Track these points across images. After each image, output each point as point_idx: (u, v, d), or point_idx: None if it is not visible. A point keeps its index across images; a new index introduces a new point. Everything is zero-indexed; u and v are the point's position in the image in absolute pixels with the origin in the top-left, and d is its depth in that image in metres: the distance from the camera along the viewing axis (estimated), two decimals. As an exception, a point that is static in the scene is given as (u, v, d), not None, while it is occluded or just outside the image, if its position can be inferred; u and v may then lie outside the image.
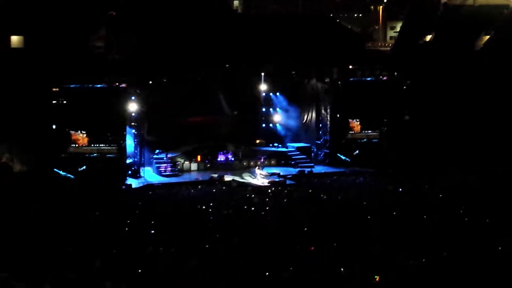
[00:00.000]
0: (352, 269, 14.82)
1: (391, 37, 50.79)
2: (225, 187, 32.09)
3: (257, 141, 40.10)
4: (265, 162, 37.89)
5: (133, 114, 35.21)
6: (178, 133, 38.07)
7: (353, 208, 23.74)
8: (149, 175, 35.81)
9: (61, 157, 33.49)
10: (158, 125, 36.91)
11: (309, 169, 37.17)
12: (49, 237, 18.72)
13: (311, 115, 40.94)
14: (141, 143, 35.64)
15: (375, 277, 14.26)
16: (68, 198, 27.46)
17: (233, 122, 39.54)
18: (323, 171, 37.06)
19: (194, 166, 37.66)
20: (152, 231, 20.21)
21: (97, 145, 33.95)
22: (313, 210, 23.71)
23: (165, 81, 37.19)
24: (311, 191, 29.13)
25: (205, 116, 38.90)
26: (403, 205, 23.92)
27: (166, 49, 36.39)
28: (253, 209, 24.56)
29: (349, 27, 48.68)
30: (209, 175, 35.15)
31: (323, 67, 38.99)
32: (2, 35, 35.21)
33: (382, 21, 52.18)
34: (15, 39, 35.68)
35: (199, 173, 37.00)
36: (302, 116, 41.38)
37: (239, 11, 48.68)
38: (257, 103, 40.84)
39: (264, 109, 41.22)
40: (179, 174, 36.36)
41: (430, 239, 17.64)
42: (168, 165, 36.61)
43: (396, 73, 39.42)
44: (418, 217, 21.13)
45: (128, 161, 35.06)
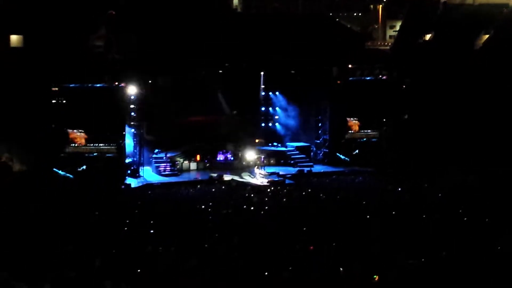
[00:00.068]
0: (351, 269, 14.80)
1: (391, 36, 50.65)
2: (224, 187, 32.12)
3: (257, 141, 40.15)
4: (265, 161, 37.95)
5: (132, 113, 35.25)
6: (177, 132, 38.07)
7: (353, 207, 23.72)
8: (148, 174, 35.84)
9: (61, 156, 33.54)
10: (157, 124, 36.93)
11: (309, 169, 37.21)
12: (49, 237, 18.69)
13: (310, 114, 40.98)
14: (140, 143, 35.67)
15: (374, 277, 14.24)
16: (67, 197, 27.46)
17: (233, 121, 39.57)
18: (322, 171, 37.14)
19: (193, 165, 37.74)
20: (151, 231, 20.19)
21: (97, 145, 34.01)
22: (313, 209, 23.68)
23: (164, 80, 37.18)
24: (310, 190, 29.13)
25: (205, 115, 38.89)
26: (402, 204, 23.90)
27: (165, 49, 36.34)
28: (252, 208, 24.54)
29: (348, 26, 48.58)
30: (209, 174, 35.22)
31: (323, 66, 39.01)
32: (1, 34, 35.12)
33: (381, 20, 52.08)
34: (14, 38, 35.59)
35: (198, 172, 37.08)
36: (301, 115, 41.36)
37: (239, 10, 48.64)
38: (256, 102, 40.84)
39: (263, 109, 41.22)
40: (179, 173, 36.42)
41: (429, 239, 17.61)
42: (167, 164, 36.64)
43: (395, 73, 39.49)
44: (417, 217, 21.11)
45: (127, 161, 35.11)
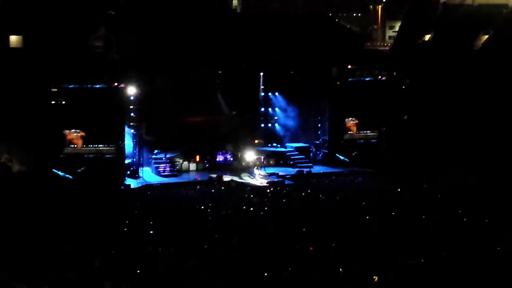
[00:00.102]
0: (351, 269, 14.80)
1: (390, 37, 50.71)
2: (224, 187, 32.11)
3: (256, 141, 40.12)
4: (264, 162, 37.93)
5: (132, 114, 35.22)
6: (177, 133, 37.99)
7: (352, 208, 23.73)
8: (147, 175, 35.81)
9: (60, 157, 33.51)
10: (157, 125, 36.87)
11: (308, 169, 37.17)
12: (49, 237, 18.70)
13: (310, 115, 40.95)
14: (140, 143, 35.64)
15: (374, 277, 14.24)
16: (67, 198, 27.44)
17: (232, 122, 39.54)
18: (321, 171, 37.08)
19: (193, 166, 37.69)
20: (151, 231, 20.19)
21: (96, 145, 33.98)
22: (312, 210, 23.69)
23: (164, 81, 37.14)
24: (309, 191, 29.12)
25: (204, 116, 38.82)
26: (402, 205, 23.90)
27: (165, 49, 36.32)
28: (252, 209, 24.55)
29: (348, 26, 48.60)
30: (208, 175, 35.18)
31: (322, 66, 38.99)
32: (1, 35, 35.12)
33: (381, 21, 52.14)
34: (14, 39, 35.57)
35: (198, 173, 37.02)
36: (301, 116, 41.34)
37: (238, 10, 48.66)
38: (256, 103, 40.82)
39: (263, 109, 41.21)
40: (178, 174, 36.38)
41: (429, 239, 17.62)
42: (167, 165, 36.60)
43: (395, 73, 39.46)
44: (417, 217, 21.12)
45: (127, 161, 35.07)
